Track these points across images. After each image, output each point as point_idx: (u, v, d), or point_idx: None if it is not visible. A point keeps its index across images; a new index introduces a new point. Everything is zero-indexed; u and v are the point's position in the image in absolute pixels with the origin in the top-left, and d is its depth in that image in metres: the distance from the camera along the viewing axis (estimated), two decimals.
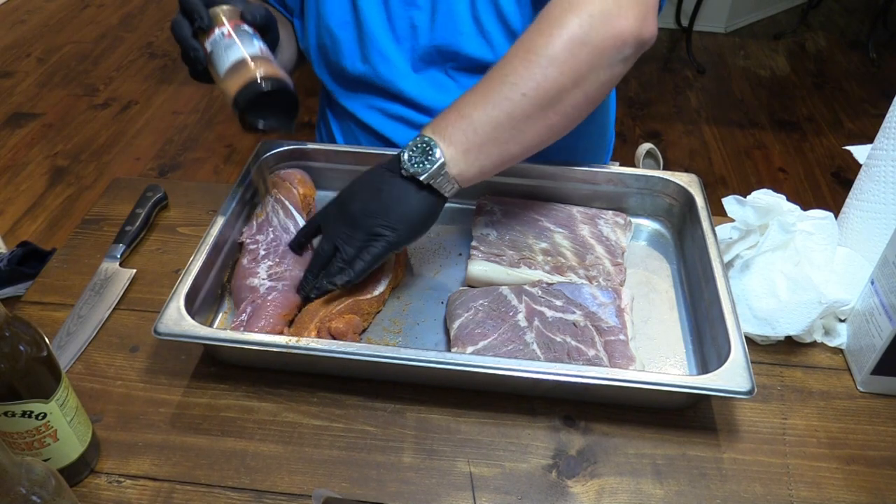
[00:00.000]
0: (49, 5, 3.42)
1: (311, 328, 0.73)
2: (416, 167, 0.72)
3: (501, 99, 0.72)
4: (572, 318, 0.74)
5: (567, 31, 0.71)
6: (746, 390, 0.63)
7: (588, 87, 0.74)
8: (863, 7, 3.49)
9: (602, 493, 0.64)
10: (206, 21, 0.77)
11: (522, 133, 0.74)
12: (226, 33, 0.77)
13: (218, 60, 0.77)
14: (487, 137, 0.73)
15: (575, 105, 0.75)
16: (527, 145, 0.75)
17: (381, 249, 0.74)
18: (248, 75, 0.75)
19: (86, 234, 0.91)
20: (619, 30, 0.73)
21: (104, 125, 2.59)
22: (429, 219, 0.76)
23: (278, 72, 0.77)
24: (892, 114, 0.76)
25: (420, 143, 0.73)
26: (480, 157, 0.73)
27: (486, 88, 0.74)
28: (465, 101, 0.74)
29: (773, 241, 0.78)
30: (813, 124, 2.65)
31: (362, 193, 0.76)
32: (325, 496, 0.61)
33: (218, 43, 0.77)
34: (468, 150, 0.72)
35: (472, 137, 0.72)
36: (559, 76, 0.72)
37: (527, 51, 0.73)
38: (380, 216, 0.74)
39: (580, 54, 0.72)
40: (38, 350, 0.56)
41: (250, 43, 0.77)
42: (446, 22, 0.89)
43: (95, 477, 0.65)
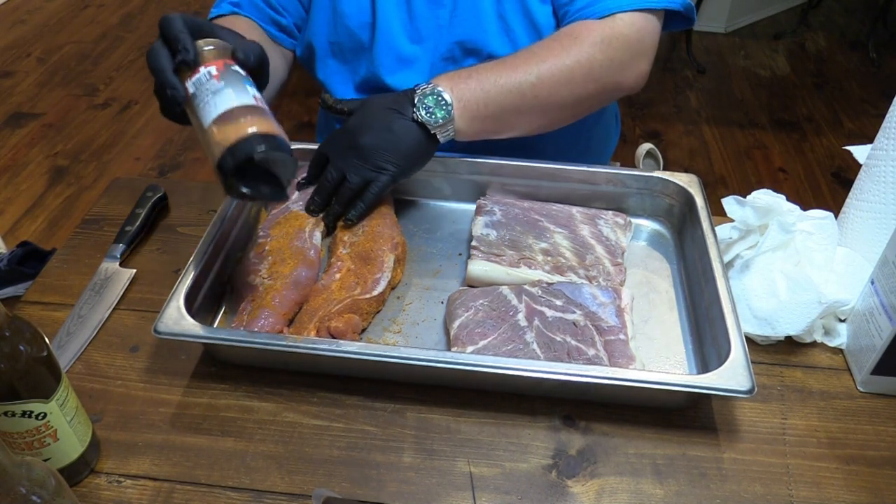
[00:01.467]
0: (49, 5, 3.42)
1: (311, 328, 0.73)
2: (430, 116, 0.80)
3: (517, 91, 0.82)
4: (572, 318, 0.74)
5: (590, 64, 0.83)
6: (746, 389, 0.63)
7: (580, 108, 0.88)
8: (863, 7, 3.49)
9: (602, 493, 0.64)
10: (192, 56, 0.66)
11: (518, 122, 0.86)
12: (214, 74, 0.65)
13: (202, 106, 0.65)
14: (492, 114, 0.83)
15: (563, 119, 0.89)
16: (515, 131, 0.87)
17: (386, 182, 0.82)
18: (239, 132, 0.63)
19: (86, 234, 0.91)
20: (625, 79, 0.86)
21: (104, 125, 2.59)
22: (426, 159, 0.85)
23: (276, 129, 0.65)
24: (892, 114, 0.76)
25: (436, 95, 0.80)
26: (479, 125, 0.83)
27: (510, 73, 0.82)
28: (488, 74, 0.82)
29: (772, 241, 0.78)
30: (813, 124, 2.65)
31: (373, 129, 0.81)
32: (325, 496, 0.61)
33: (203, 85, 0.65)
34: (475, 116, 0.82)
35: (481, 109, 0.82)
36: (567, 95, 0.84)
37: (553, 57, 0.83)
38: (389, 152, 0.81)
39: (589, 85, 0.84)
40: (38, 350, 0.56)
41: (243, 90, 0.66)
42: (469, 18, 0.91)
43: (95, 477, 0.65)
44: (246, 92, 0.66)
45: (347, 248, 0.82)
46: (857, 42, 3.18)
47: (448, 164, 0.91)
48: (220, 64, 0.67)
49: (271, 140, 0.63)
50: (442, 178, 0.93)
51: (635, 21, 0.85)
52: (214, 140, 0.64)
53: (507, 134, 0.87)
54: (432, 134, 0.81)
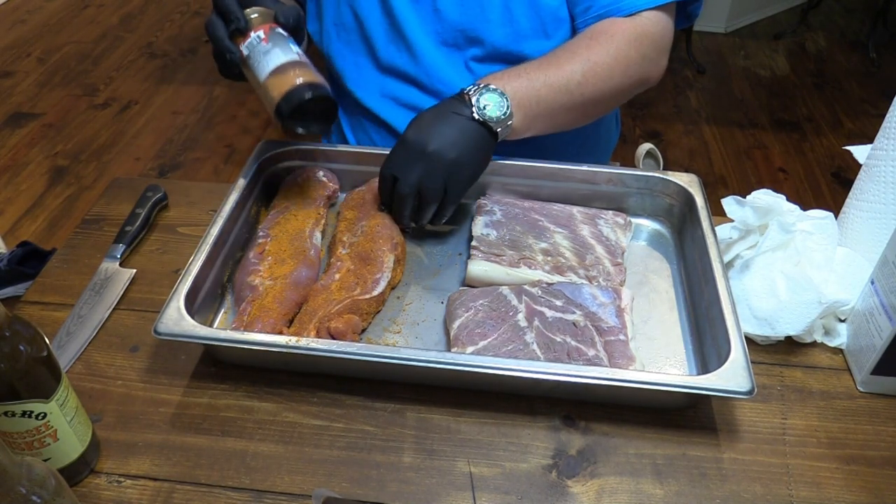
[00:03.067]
0: (49, 5, 3.42)
1: (311, 328, 0.73)
2: (490, 113, 0.80)
3: (565, 89, 0.84)
4: (572, 318, 0.74)
5: (627, 60, 0.86)
6: (746, 390, 0.63)
7: (611, 106, 0.93)
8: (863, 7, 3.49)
9: (602, 493, 0.64)
10: (244, 24, 0.79)
11: (564, 118, 0.88)
12: (262, 37, 0.79)
13: (256, 65, 0.79)
14: (543, 111, 0.85)
15: (598, 112, 0.93)
16: (557, 127, 0.90)
17: (463, 186, 0.82)
18: (289, 83, 0.76)
19: (86, 234, 0.91)
20: (650, 74, 0.91)
21: (104, 125, 2.59)
22: (490, 158, 0.85)
23: (318, 78, 0.79)
24: (892, 114, 0.76)
25: (492, 93, 0.81)
26: (531, 122, 0.85)
27: (556, 71, 0.84)
28: (537, 73, 0.84)
29: (772, 241, 0.78)
30: (813, 124, 2.65)
31: (436, 134, 0.79)
32: (325, 496, 0.61)
33: (255, 47, 0.79)
34: (527, 115, 0.84)
35: (534, 107, 0.84)
36: (608, 90, 0.87)
37: (596, 59, 0.85)
38: (456, 154, 0.79)
39: (624, 80, 0.88)
40: (38, 350, 0.56)
41: (288, 48, 0.79)
42: (473, 6, 0.91)
43: (95, 477, 0.65)
44: (290, 50, 0.79)
45: (347, 248, 0.82)
46: (857, 42, 3.18)
47: None
48: (266, 28, 0.80)
49: (316, 87, 0.77)
50: None
51: (660, 19, 0.88)
52: (270, 92, 0.78)
53: (552, 130, 0.89)
54: (494, 131, 0.81)
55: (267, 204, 0.93)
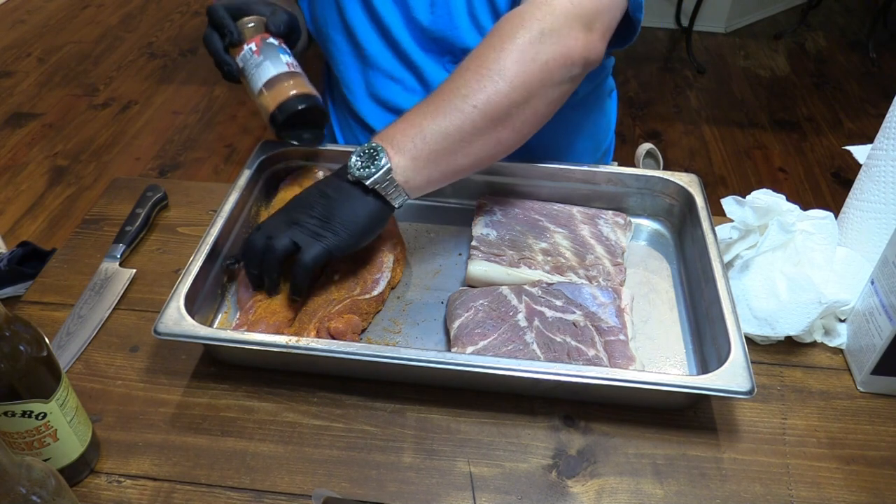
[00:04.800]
0: (49, 5, 3.42)
1: (311, 328, 0.73)
2: (362, 171, 0.72)
3: (452, 110, 0.73)
4: (572, 318, 0.74)
5: (518, 46, 0.73)
6: (746, 390, 0.63)
7: (537, 103, 0.76)
8: (863, 7, 3.49)
9: (602, 493, 0.64)
10: (237, 37, 0.82)
11: (471, 145, 0.74)
12: (254, 50, 0.82)
13: (250, 78, 0.83)
14: (436, 147, 0.73)
15: (524, 121, 0.76)
16: (475, 158, 0.76)
17: (319, 251, 0.71)
18: (281, 95, 0.80)
19: (86, 234, 0.91)
20: (568, 48, 0.74)
21: (104, 125, 2.59)
22: (374, 225, 0.75)
23: (308, 88, 0.82)
24: (892, 114, 0.76)
25: (367, 149, 0.73)
26: (429, 167, 0.73)
27: (437, 99, 0.74)
28: (416, 111, 0.75)
29: (772, 241, 0.78)
30: (813, 124, 2.65)
31: (308, 198, 0.75)
32: (325, 496, 0.61)
33: (248, 60, 0.83)
34: (416, 158, 0.72)
35: (420, 146, 0.72)
36: (510, 91, 0.73)
37: (479, 65, 0.74)
38: (322, 219, 0.73)
39: (530, 70, 0.73)
40: (38, 350, 0.56)
41: (278, 60, 0.82)
42: (443, 15, 0.90)
43: (95, 477, 0.65)
44: (280, 61, 0.82)
45: None
46: (857, 42, 3.18)
47: None
48: (257, 39, 0.83)
49: (307, 97, 0.81)
50: None
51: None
52: (265, 103, 0.82)
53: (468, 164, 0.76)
54: (373, 190, 0.72)
55: (267, 204, 0.92)
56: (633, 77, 2.88)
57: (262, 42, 0.83)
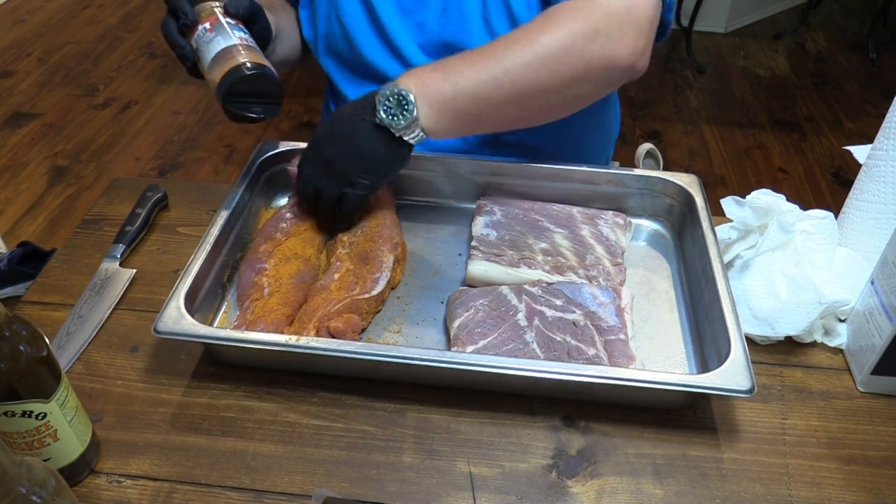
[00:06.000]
0: (49, 5, 3.42)
1: (311, 328, 0.73)
2: (392, 119, 0.75)
3: (489, 77, 0.75)
4: (572, 318, 0.74)
5: (568, 37, 0.74)
6: (746, 389, 0.63)
7: (569, 94, 0.78)
8: (863, 7, 3.49)
9: (602, 493, 0.64)
10: (191, 18, 0.80)
11: (497, 114, 0.78)
12: (207, 28, 0.80)
13: (202, 56, 0.80)
14: (464, 106, 0.76)
15: (553, 106, 0.79)
16: (496, 124, 0.81)
17: (358, 196, 0.79)
18: (228, 64, 0.77)
19: (86, 234, 0.91)
20: (616, 54, 0.76)
21: (104, 125, 2.59)
22: (398, 165, 0.80)
23: (259, 57, 0.79)
24: (892, 114, 0.76)
25: (397, 94, 0.75)
26: (452, 122, 0.77)
27: (477, 60, 0.76)
28: (452, 65, 0.76)
29: (772, 241, 0.78)
30: (813, 124, 2.65)
31: (337, 138, 0.78)
32: (325, 496, 0.61)
33: (201, 38, 0.80)
34: (443, 112, 0.76)
35: (450, 102, 0.75)
36: (547, 76, 0.75)
37: (526, 41, 0.75)
38: (355, 162, 0.77)
39: (574, 65, 0.75)
40: (38, 350, 0.56)
41: (229, 35, 0.79)
42: (455, 20, 0.90)
43: (95, 477, 0.65)
44: (232, 36, 0.79)
45: (347, 248, 0.82)
46: (857, 42, 3.18)
47: (448, 164, 0.91)
48: (212, 19, 0.80)
49: (254, 66, 0.77)
50: (442, 178, 0.93)
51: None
52: (212, 77, 0.78)
53: (492, 128, 0.83)
54: (398, 137, 0.76)
55: (267, 204, 0.93)
56: None
57: (216, 21, 0.80)
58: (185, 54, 0.81)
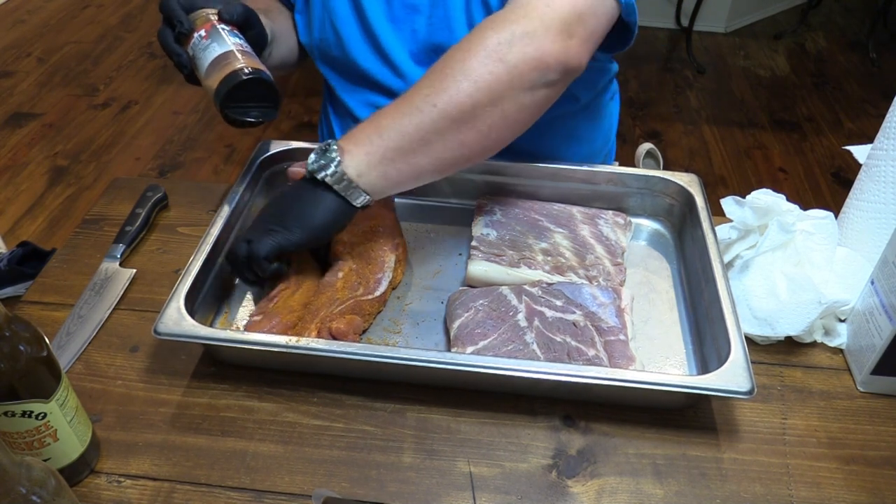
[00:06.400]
0: (49, 5, 3.42)
1: (312, 328, 0.73)
2: (314, 165, 0.72)
3: (413, 109, 0.71)
4: (572, 318, 0.74)
5: (485, 46, 0.71)
6: (746, 390, 0.63)
7: (506, 106, 0.72)
8: (863, 7, 3.49)
9: (602, 493, 0.64)
10: (186, 25, 0.81)
11: (432, 146, 0.72)
12: (203, 35, 0.81)
13: (199, 63, 0.81)
14: (393, 145, 0.71)
15: (492, 124, 0.73)
16: (437, 159, 0.74)
17: (271, 245, 0.73)
18: (225, 70, 0.78)
19: (86, 234, 0.91)
20: (541, 52, 0.71)
21: (104, 125, 2.59)
22: (330, 221, 0.74)
23: (255, 62, 0.80)
24: (892, 114, 0.76)
25: (323, 145, 0.73)
26: (384, 164, 0.72)
27: (402, 100, 0.73)
28: (381, 111, 0.74)
29: (772, 241, 0.78)
30: (813, 124, 2.65)
31: (274, 199, 0.78)
32: (325, 496, 0.61)
33: (197, 45, 0.81)
34: (370, 154, 0.71)
35: (377, 142, 0.71)
36: (474, 91, 0.70)
37: (444, 65, 0.72)
38: (277, 217, 0.75)
39: (497, 72, 0.70)
40: (38, 350, 0.56)
41: (225, 41, 0.80)
42: (442, 26, 0.90)
43: (95, 477, 0.65)
44: (227, 42, 0.80)
45: (348, 248, 0.82)
46: (857, 42, 3.18)
47: None
48: (207, 26, 0.81)
49: (251, 71, 0.78)
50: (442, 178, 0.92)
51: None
52: (210, 83, 0.79)
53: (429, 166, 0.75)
54: (331, 188, 0.72)
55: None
56: (633, 77, 2.88)
57: (211, 28, 0.81)
58: (182, 62, 0.81)
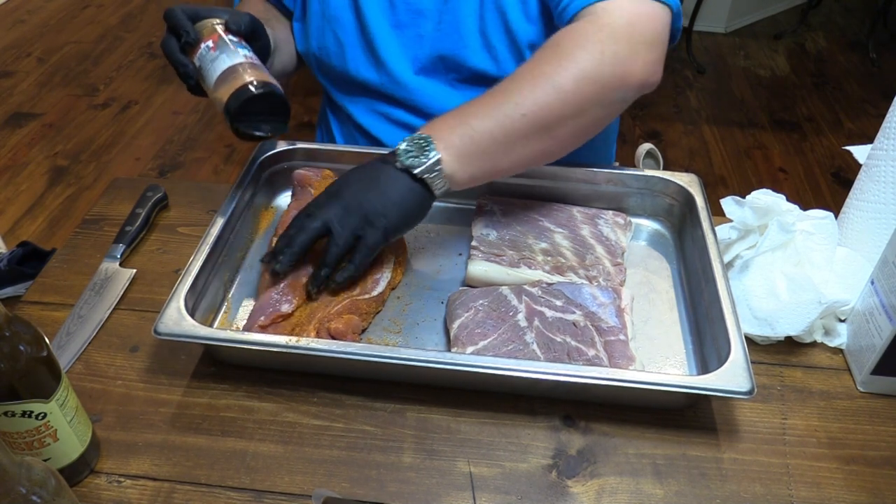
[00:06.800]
0: (49, 5, 3.42)
1: (310, 329, 0.73)
2: (412, 160, 0.73)
3: (502, 115, 0.74)
4: (572, 318, 0.74)
5: (577, 66, 0.74)
6: (746, 390, 0.63)
7: (586, 119, 0.77)
8: (863, 7, 3.49)
9: (602, 493, 0.64)
10: (193, 36, 0.80)
11: (515, 151, 0.76)
12: (211, 46, 0.79)
13: (206, 74, 0.79)
14: (482, 148, 0.75)
15: (571, 134, 0.78)
16: (518, 162, 0.78)
17: (377, 238, 0.74)
18: (235, 83, 0.76)
19: (86, 234, 0.91)
20: (628, 73, 0.76)
21: (104, 125, 2.59)
22: (419, 211, 0.76)
23: (265, 76, 0.78)
24: (892, 114, 0.76)
25: (418, 139, 0.74)
26: (473, 164, 0.75)
27: (490, 101, 0.75)
28: (468, 109, 0.76)
29: (772, 241, 0.78)
30: (813, 124, 2.65)
31: (357, 182, 0.76)
32: (325, 496, 0.61)
33: (204, 57, 0.79)
34: (461, 156, 0.74)
35: (468, 144, 0.74)
36: (562, 106, 0.75)
37: (535, 75, 0.75)
38: (375, 202, 0.74)
39: (586, 89, 0.75)
40: (38, 350, 0.56)
41: (234, 52, 0.79)
42: (451, 33, 0.90)
43: (95, 477, 0.65)
44: (237, 54, 0.79)
45: None
46: (857, 42, 3.18)
47: None
48: (215, 37, 0.80)
49: (261, 84, 0.76)
50: None
51: (622, 6, 0.76)
52: (219, 96, 0.78)
53: (515, 167, 0.79)
54: (421, 179, 0.74)
55: (267, 204, 0.93)
56: None
57: (219, 38, 0.80)
58: (188, 73, 0.81)
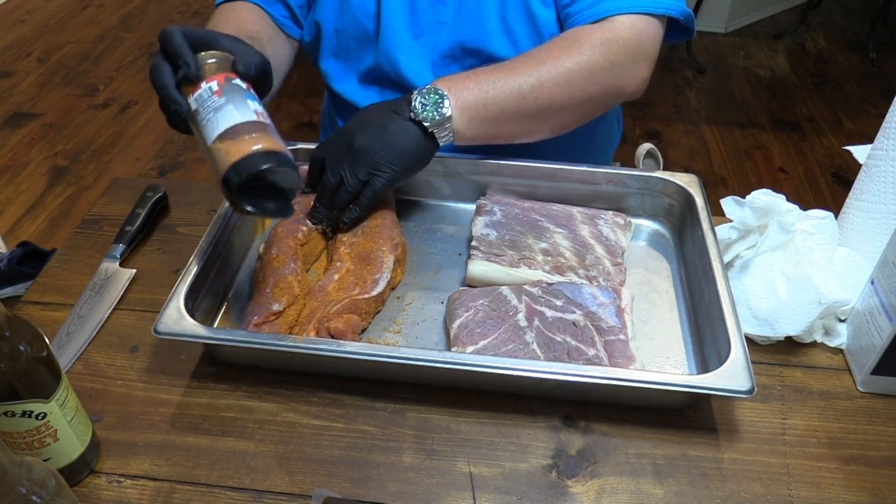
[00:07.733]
0: (49, 5, 3.42)
1: (310, 328, 0.73)
2: (425, 113, 0.79)
3: (517, 93, 0.81)
4: (572, 318, 0.74)
5: (590, 67, 0.83)
6: (746, 389, 0.63)
7: (579, 114, 0.88)
8: (863, 7, 3.49)
9: (602, 493, 0.64)
10: (193, 71, 0.66)
11: (517, 125, 0.85)
12: (215, 90, 0.65)
13: (205, 123, 0.65)
14: (490, 115, 0.81)
15: (566, 124, 0.88)
16: (513, 135, 0.86)
17: (383, 184, 0.80)
18: (242, 149, 0.63)
19: (86, 234, 0.91)
20: (625, 84, 0.86)
21: (104, 125, 2.59)
22: (423, 161, 0.83)
23: (278, 144, 0.65)
24: (892, 114, 0.76)
25: (434, 94, 0.79)
26: (478, 128, 0.82)
27: (506, 73, 0.82)
28: (487, 76, 0.82)
29: (772, 241, 0.78)
30: (813, 124, 2.65)
31: (368, 129, 0.80)
32: (325, 496, 0.61)
33: (205, 101, 0.65)
34: (471, 118, 0.81)
35: (479, 109, 0.81)
36: (568, 98, 0.83)
37: (552, 61, 0.82)
38: (384, 152, 0.79)
39: (590, 89, 0.84)
40: (38, 350, 0.56)
41: (244, 105, 0.65)
42: (472, 19, 0.90)
43: (95, 477, 0.65)
44: (247, 107, 0.65)
45: (347, 248, 0.82)
46: (857, 42, 3.18)
47: (448, 164, 0.91)
48: (220, 78, 0.66)
49: (274, 156, 0.63)
50: (442, 178, 0.93)
51: (636, 24, 0.84)
52: (219, 157, 0.64)
53: (508, 139, 0.86)
54: (430, 133, 0.80)
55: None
56: None
57: (225, 81, 0.66)
58: (181, 113, 0.66)
